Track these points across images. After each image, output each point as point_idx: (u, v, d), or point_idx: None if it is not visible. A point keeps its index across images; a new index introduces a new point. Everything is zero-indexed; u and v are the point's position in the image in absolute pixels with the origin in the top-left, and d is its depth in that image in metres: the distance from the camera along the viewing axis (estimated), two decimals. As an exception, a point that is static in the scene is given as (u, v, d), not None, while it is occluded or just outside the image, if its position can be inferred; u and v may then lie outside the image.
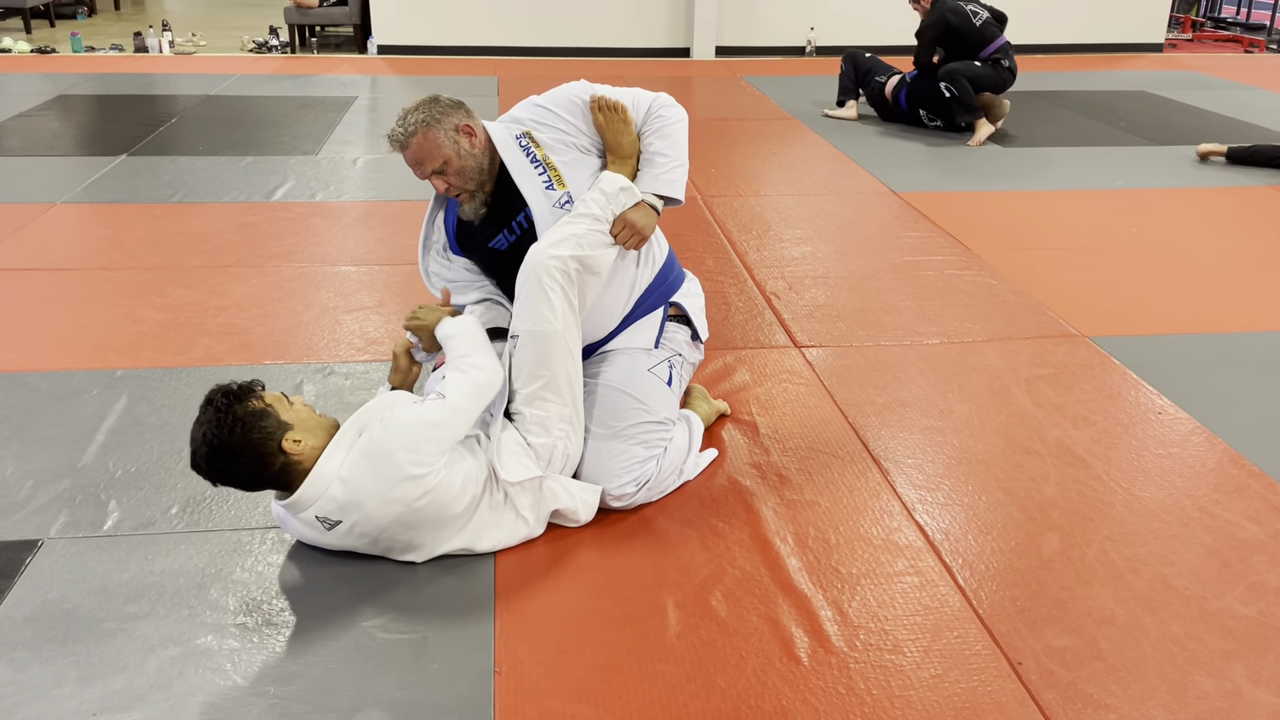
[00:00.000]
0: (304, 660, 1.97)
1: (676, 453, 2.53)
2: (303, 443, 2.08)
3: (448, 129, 2.36)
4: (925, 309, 3.67)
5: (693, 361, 2.69)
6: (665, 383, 2.52)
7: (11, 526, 2.35)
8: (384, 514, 2.10)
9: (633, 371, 2.48)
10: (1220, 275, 4.04)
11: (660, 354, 2.55)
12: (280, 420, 2.08)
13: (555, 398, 2.31)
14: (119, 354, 3.22)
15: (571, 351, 2.32)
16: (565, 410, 2.32)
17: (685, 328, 2.65)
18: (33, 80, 7.65)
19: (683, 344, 2.63)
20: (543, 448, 2.29)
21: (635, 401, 2.44)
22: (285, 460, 2.07)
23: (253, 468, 2.06)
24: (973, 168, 5.60)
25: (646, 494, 2.44)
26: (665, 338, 2.58)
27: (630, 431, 2.42)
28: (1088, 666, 1.99)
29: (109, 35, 10.04)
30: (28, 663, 1.94)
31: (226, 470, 2.06)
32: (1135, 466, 2.68)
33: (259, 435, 2.04)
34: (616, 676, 1.94)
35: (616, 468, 2.40)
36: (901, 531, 2.40)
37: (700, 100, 7.53)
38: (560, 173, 2.43)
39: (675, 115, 2.53)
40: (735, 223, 4.59)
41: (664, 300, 2.60)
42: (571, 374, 2.32)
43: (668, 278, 2.62)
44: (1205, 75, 8.64)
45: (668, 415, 2.49)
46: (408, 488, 2.07)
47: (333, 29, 10.44)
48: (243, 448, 2.03)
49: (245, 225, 4.46)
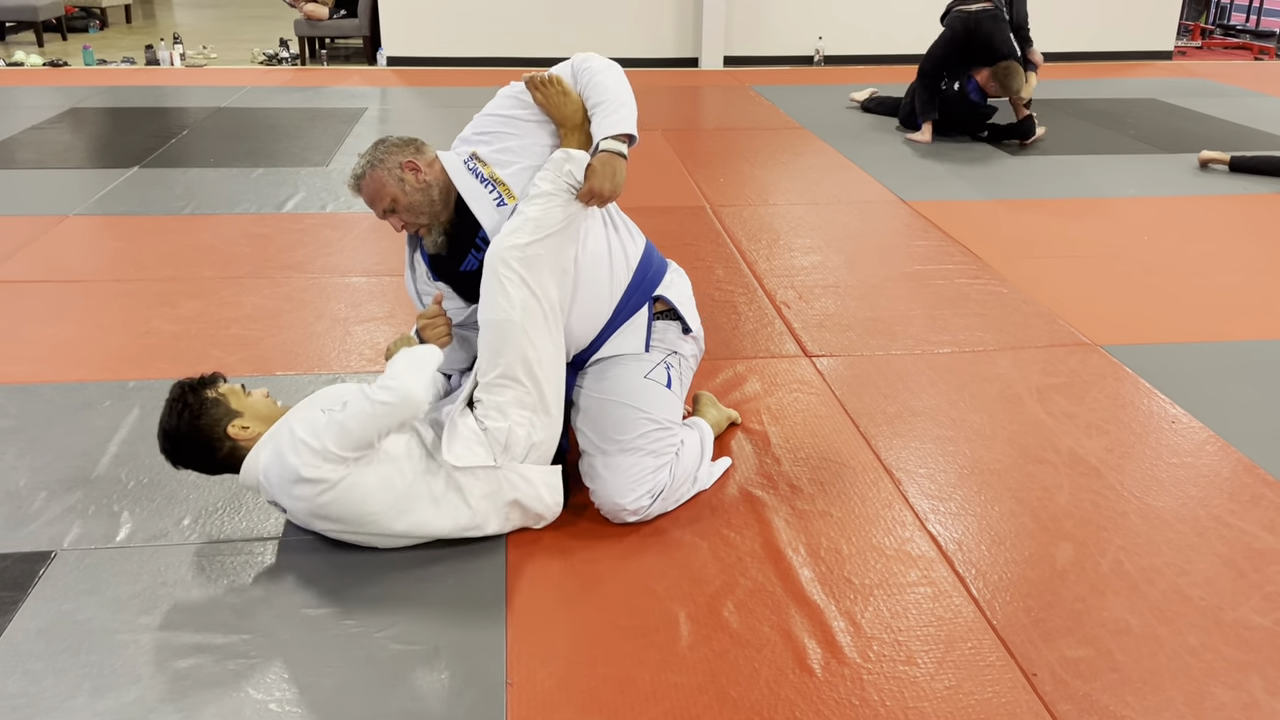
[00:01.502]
0: (316, 671, 1.96)
1: (689, 460, 2.52)
2: (250, 429, 2.21)
3: (391, 168, 2.41)
4: (936, 318, 3.66)
5: (691, 356, 2.63)
6: (665, 386, 2.49)
7: (25, 538, 2.35)
8: (297, 507, 2.17)
9: (629, 381, 2.46)
10: (1233, 283, 4.03)
11: (654, 356, 2.50)
12: (229, 409, 2.22)
13: (513, 384, 2.30)
14: (131, 365, 3.23)
15: (532, 339, 2.29)
16: (525, 397, 2.30)
17: (676, 322, 2.58)
18: (45, 93, 7.70)
19: (676, 340, 2.57)
20: (498, 432, 2.28)
21: (636, 411, 2.42)
22: (232, 445, 2.21)
23: (202, 451, 2.22)
24: (982, 176, 5.60)
25: (661, 505, 2.44)
26: (656, 337, 2.53)
27: (637, 443, 2.41)
28: (1103, 678, 1.97)
29: (121, 48, 10.10)
30: (41, 674, 1.94)
31: (178, 452, 2.23)
32: (1149, 476, 2.67)
33: (207, 421, 2.19)
34: (629, 688, 1.94)
35: (629, 481, 2.38)
36: (914, 542, 2.39)
37: (709, 110, 7.55)
38: (509, 186, 2.44)
39: (600, 65, 2.49)
40: (745, 232, 4.59)
41: (647, 297, 2.53)
42: (532, 360, 2.30)
43: (648, 272, 2.56)
44: (1215, 82, 8.62)
45: (672, 419, 2.48)
46: (305, 488, 2.12)
47: (342, 41, 10.49)
48: (191, 432, 2.19)
49: (256, 237, 4.48)
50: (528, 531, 2.39)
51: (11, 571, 2.23)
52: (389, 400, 2.11)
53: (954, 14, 6.25)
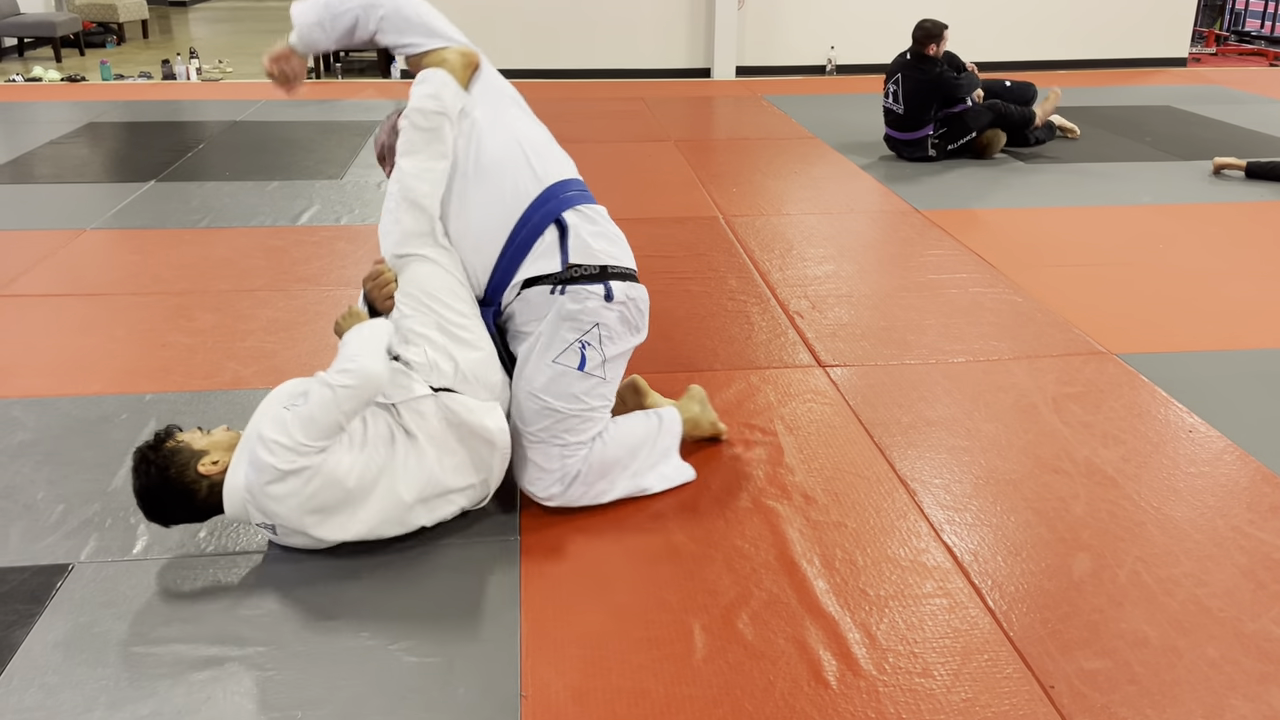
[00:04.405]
0: (331, 684, 1.97)
1: (621, 445, 2.47)
2: (220, 461, 2.23)
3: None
4: (950, 327, 3.65)
5: (619, 323, 2.40)
6: (576, 368, 2.37)
7: (42, 551, 2.37)
8: (287, 510, 2.17)
9: (534, 367, 2.39)
10: (1249, 290, 4.00)
11: (565, 335, 2.36)
12: (193, 450, 2.23)
13: (412, 311, 2.35)
14: (148, 378, 3.25)
15: (426, 266, 2.38)
16: (425, 321, 2.35)
17: (599, 287, 2.36)
18: (63, 108, 7.77)
19: (598, 309, 2.36)
20: (415, 362, 2.32)
21: (539, 401, 2.38)
22: (209, 482, 2.22)
23: (182, 500, 2.23)
24: (996, 185, 5.58)
25: (584, 489, 2.43)
26: (576, 307, 2.35)
27: (540, 434, 2.40)
28: (1121, 690, 1.96)
29: (137, 63, 10.19)
30: (59, 687, 1.95)
31: (161, 510, 2.24)
32: (1166, 485, 2.65)
33: (175, 470, 2.21)
34: (643, 701, 1.93)
35: (536, 471, 2.42)
36: (929, 553, 2.38)
37: (722, 120, 7.56)
38: None
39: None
40: (758, 242, 4.59)
41: (551, 218, 2.38)
42: (427, 287, 2.36)
43: (560, 194, 2.41)
44: (1230, 89, 8.58)
45: (585, 404, 2.40)
46: (290, 482, 2.14)
47: (356, 55, 10.54)
48: (163, 485, 2.20)
49: (272, 249, 4.50)
50: (541, 544, 2.39)
51: (29, 584, 2.24)
52: (350, 384, 2.13)
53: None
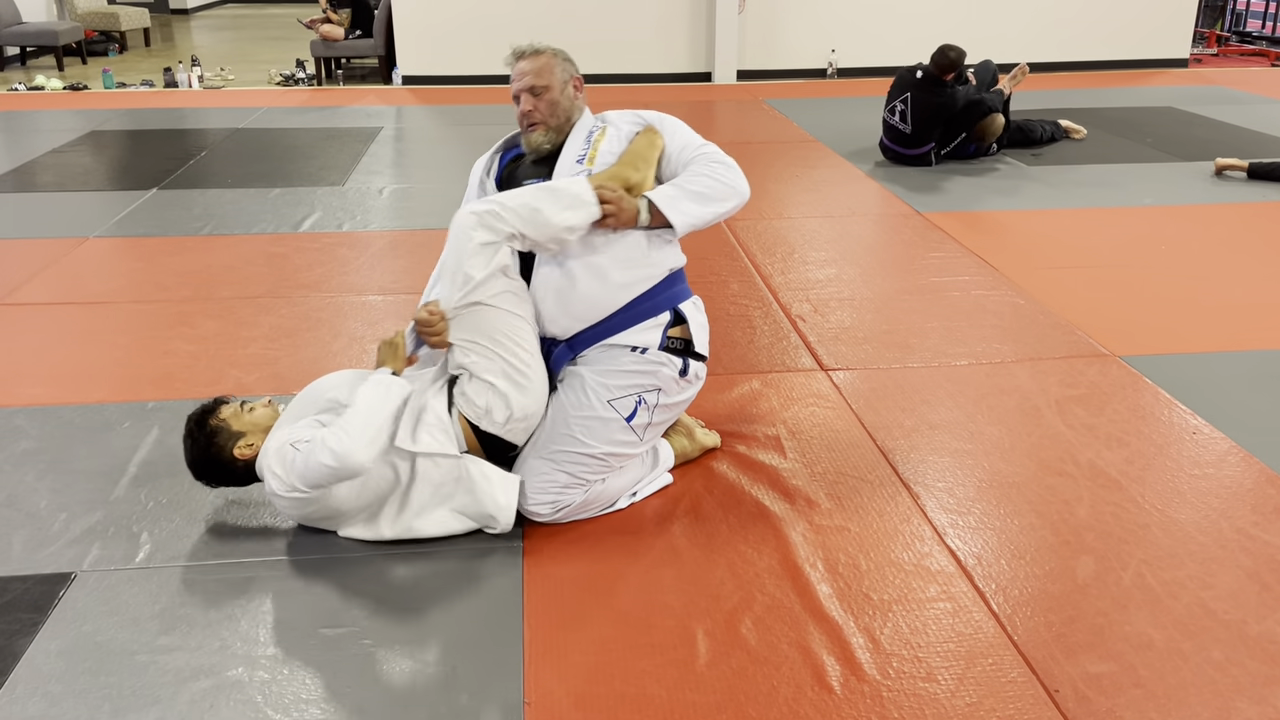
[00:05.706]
0: (334, 691, 1.97)
1: (617, 486, 2.53)
2: (255, 445, 2.38)
3: (567, 68, 2.64)
4: (952, 330, 3.65)
5: (676, 401, 2.53)
6: (624, 419, 2.44)
7: (45, 559, 2.37)
8: (294, 510, 2.35)
9: (587, 398, 2.44)
10: (1252, 291, 3.99)
11: (634, 381, 2.45)
12: (231, 432, 2.39)
13: (479, 356, 2.39)
14: (151, 386, 3.26)
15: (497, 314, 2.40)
16: (491, 367, 2.38)
17: (677, 360, 2.50)
18: (65, 117, 7.79)
19: (669, 379, 2.48)
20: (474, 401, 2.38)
21: (571, 436, 2.42)
22: (244, 463, 2.38)
23: (223, 473, 2.42)
24: (997, 187, 5.58)
25: (564, 516, 2.47)
26: (654, 364, 2.46)
27: (557, 457, 2.43)
28: (1126, 694, 1.95)
29: (139, 71, 10.21)
30: (61, 696, 1.95)
31: (206, 477, 2.44)
32: (1170, 488, 2.65)
33: (214, 450, 2.39)
34: (647, 707, 1.93)
35: (535, 486, 2.43)
36: (933, 556, 2.37)
37: (723, 124, 7.56)
38: (596, 158, 2.59)
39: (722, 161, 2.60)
40: (759, 246, 4.59)
41: (670, 305, 2.53)
42: (499, 328, 2.39)
43: (673, 285, 2.57)
44: (1231, 90, 8.58)
45: (611, 452, 2.44)
46: (288, 501, 2.31)
47: (358, 61, 10.58)
48: (204, 461, 2.41)
49: (274, 256, 4.51)
50: (544, 549, 2.39)
51: (32, 593, 2.24)
52: (330, 464, 2.21)
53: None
